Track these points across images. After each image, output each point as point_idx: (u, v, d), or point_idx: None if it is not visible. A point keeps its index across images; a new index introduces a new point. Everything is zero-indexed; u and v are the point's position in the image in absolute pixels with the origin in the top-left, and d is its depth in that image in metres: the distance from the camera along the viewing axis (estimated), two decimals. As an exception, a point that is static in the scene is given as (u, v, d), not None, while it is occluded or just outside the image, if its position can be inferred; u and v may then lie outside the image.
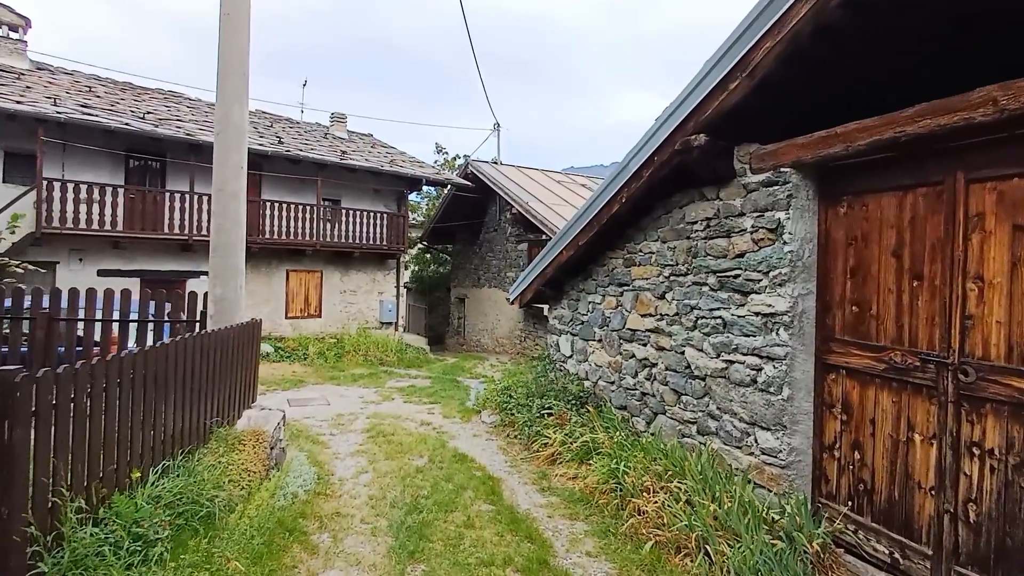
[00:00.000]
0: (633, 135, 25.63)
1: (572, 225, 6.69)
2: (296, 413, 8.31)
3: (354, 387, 10.63)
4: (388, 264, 17.05)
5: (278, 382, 10.47)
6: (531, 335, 16.86)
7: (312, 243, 14.64)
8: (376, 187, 16.70)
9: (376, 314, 16.71)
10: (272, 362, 12.28)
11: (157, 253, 13.12)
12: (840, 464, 4.01)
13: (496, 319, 18.89)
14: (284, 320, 15.08)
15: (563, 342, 7.75)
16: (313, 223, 14.69)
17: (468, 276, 20.95)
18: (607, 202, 5.92)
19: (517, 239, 17.72)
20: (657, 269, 5.77)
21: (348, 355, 13.44)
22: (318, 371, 11.95)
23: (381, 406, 9.09)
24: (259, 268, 14.69)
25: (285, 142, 15.05)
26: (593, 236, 6.37)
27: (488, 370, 13.95)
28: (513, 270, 17.89)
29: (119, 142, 12.43)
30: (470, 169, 18.52)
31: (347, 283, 16.26)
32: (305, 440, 6.73)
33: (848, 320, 3.99)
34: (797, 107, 4.63)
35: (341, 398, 9.60)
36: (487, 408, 8.27)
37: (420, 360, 14.60)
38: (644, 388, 5.92)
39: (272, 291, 14.91)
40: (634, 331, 6.14)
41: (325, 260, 15.75)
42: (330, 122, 19.75)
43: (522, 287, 8.16)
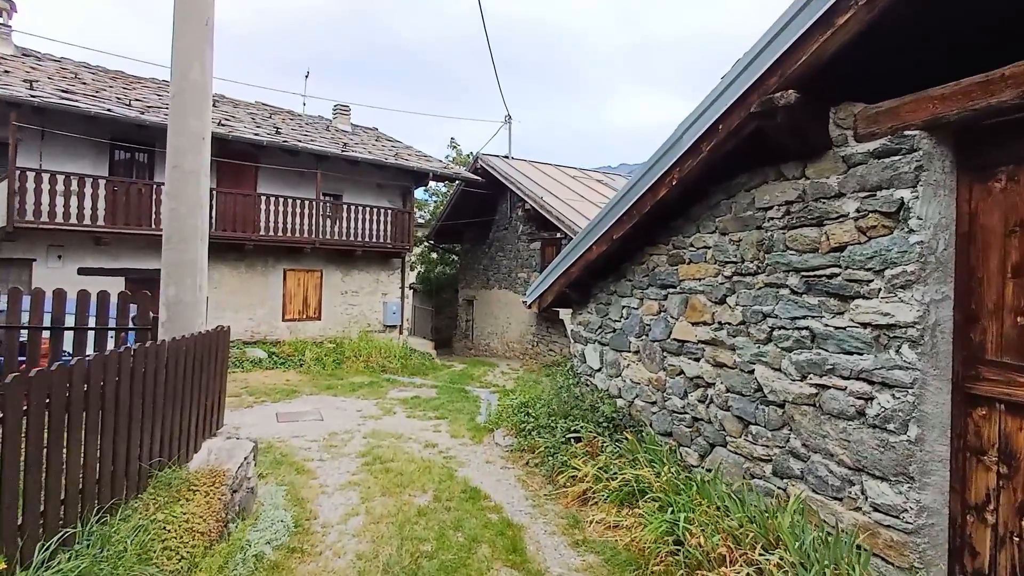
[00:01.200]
0: (641, 138, 23.64)
1: (604, 217, 5.64)
2: (284, 431, 7.30)
3: (352, 398, 9.62)
4: (392, 263, 16.06)
5: (269, 392, 9.48)
6: (544, 339, 15.81)
7: (311, 241, 13.67)
8: (380, 182, 15.71)
9: (379, 317, 15.72)
10: (265, 369, 11.31)
11: (144, 250, 12.19)
12: (997, 533, 2.94)
13: (507, 322, 17.85)
14: (281, 323, 14.11)
15: (590, 352, 6.70)
16: (313, 219, 13.72)
17: (477, 277, 19.92)
18: (651, 186, 4.87)
19: (530, 238, 16.68)
20: (714, 267, 4.71)
21: (348, 361, 12.45)
22: (314, 379, 10.95)
23: (381, 422, 8.07)
24: (254, 267, 13.73)
25: (283, 132, 14.10)
26: (631, 229, 5.32)
27: (499, 378, 12.92)
28: (525, 270, 16.85)
29: (102, 130, 11.51)
30: (480, 163, 17.50)
31: (349, 283, 15.28)
32: (288, 468, 5.71)
33: (1009, 336, 2.92)
34: (915, 54, 3.56)
35: (337, 411, 8.59)
36: (501, 427, 7.23)
37: (426, 366, 13.59)
38: (696, 413, 4.86)
39: (269, 292, 13.95)
40: (682, 342, 5.08)
41: (325, 259, 14.78)
42: (333, 115, 18.79)
43: (541, 289, 7.12)
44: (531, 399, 7.49)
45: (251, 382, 10.23)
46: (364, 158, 14.42)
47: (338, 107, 18.75)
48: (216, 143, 13.13)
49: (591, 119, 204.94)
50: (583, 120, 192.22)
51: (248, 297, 13.63)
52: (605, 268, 6.26)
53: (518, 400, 7.45)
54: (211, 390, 4.74)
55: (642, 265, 5.73)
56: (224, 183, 13.12)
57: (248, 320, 13.63)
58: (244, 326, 13.54)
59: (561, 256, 6.56)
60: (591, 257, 5.96)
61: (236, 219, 12.79)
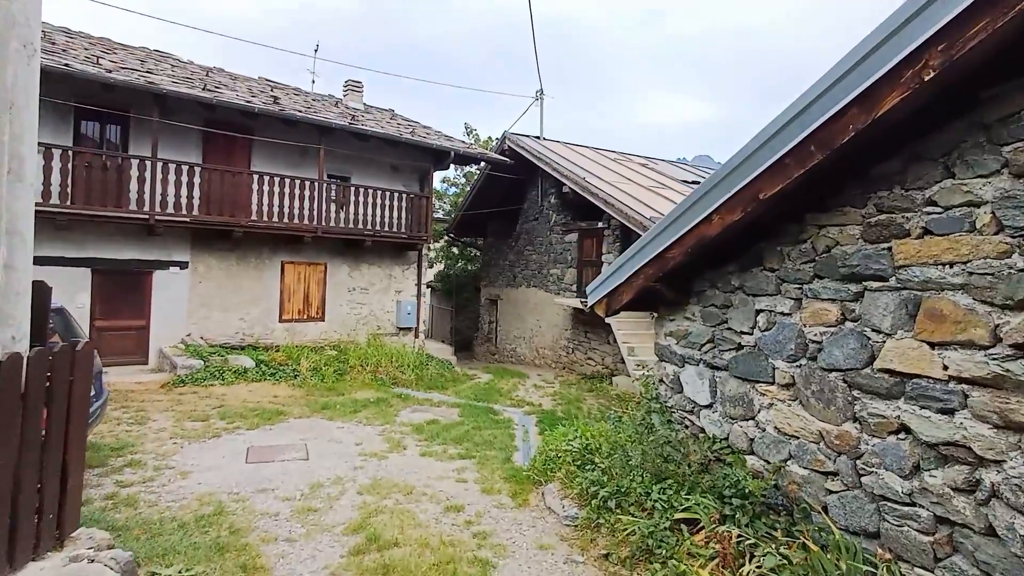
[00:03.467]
0: (663, 137, 21.11)
1: (738, 167, 3.46)
2: (250, 480, 5.23)
3: (352, 423, 7.54)
4: (408, 257, 14.00)
5: (247, 415, 7.44)
6: (582, 346, 13.63)
7: (313, 228, 11.65)
8: (394, 162, 13.66)
9: (392, 318, 13.66)
10: (250, 381, 9.29)
11: (115, 237, 10.28)
12: None
13: (536, 325, 15.71)
14: (277, 324, 12.13)
15: (690, 379, 4.52)
16: (315, 203, 11.70)
17: (502, 274, 17.81)
18: (863, 92, 2.67)
19: (564, 228, 14.51)
20: (995, 241, 2.50)
21: (353, 372, 10.39)
22: (309, 395, 8.91)
23: (386, 462, 5.98)
24: (247, 259, 11.77)
25: (282, 103, 12.11)
26: (796, 181, 3.13)
27: (532, 393, 10.76)
28: (558, 266, 14.69)
29: (64, 91, 9.60)
30: (508, 144, 15.37)
31: (357, 279, 13.25)
32: (233, 561, 3.62)
33: None
34: None
35: (330, 445, 6.52)
36: (554, 479, 5.07)
37: (445, 378, 11.49)
38: (951, 510, 2.65)
39: (264, 287, 11.97)
40: (904, 377, 2.87)
41: (330, 250, 12.77)
42: (344, 91, 16.80)
43: (613, 284, 4.95)
44: (594, 439, 5.33)
45: (229, 400, 8.21)
46: (375, 132, 12.36)
47: (350, 83, 16.74)
48: (201, 111, 11.26)
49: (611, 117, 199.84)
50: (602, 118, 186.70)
51: (239, 294, 11.68)
52: (725, 251, 4.09)
53: (577, 442, 5.28)
54: (46, 465, 2.63)
55: (802, 244, 3.54)
56: (211, 158, 11.16)
57: (239, 321, 11.67)
58: (234, 328, 11.58)
59: (651, 235, 4.38)
60: (709, 232, 3.78)
61: (224, 201, 10.82)
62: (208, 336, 11.20)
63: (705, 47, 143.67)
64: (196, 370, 9.10)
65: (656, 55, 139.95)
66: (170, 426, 6.77)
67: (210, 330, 11.29)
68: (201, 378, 8.95)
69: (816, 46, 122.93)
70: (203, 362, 9.36)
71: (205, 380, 8.95)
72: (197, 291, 11.20)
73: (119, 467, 5.32)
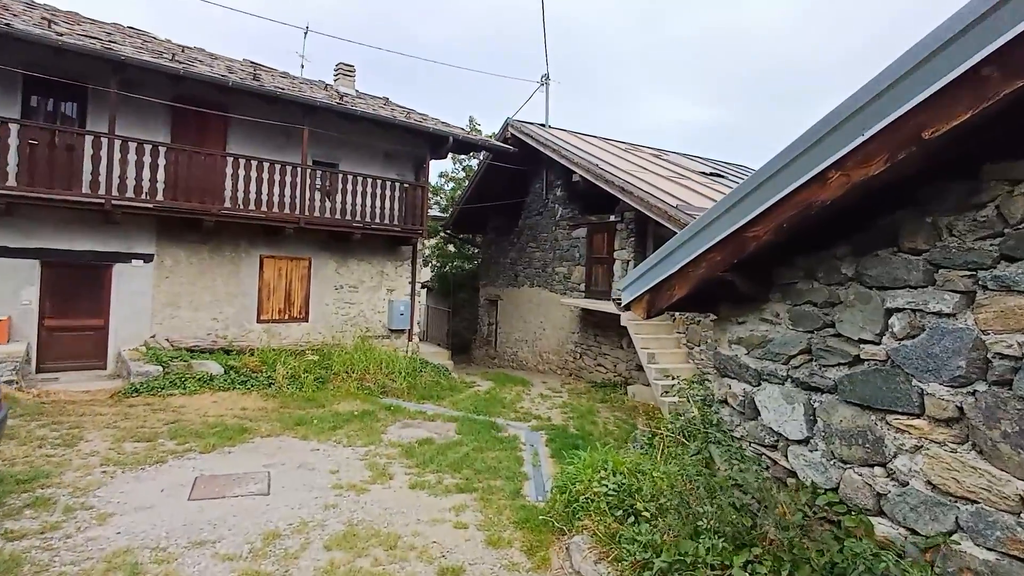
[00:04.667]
0: (662, 139, 19.75)
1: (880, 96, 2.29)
2: (188, 526, 4.04)
3: (330, 443, 6.35)
4: (401, 252, 12.81)
5: (204, 433, 6.24)
6: (591, 350, 12.46)
7: (295, 218, 10.46)
8: (388, 149, 12.48)
9: (383, 319, 12.46)
10: (217, 391, 8.07)
11: (69, 225, 9.07)
12: None
13: (539, 327, 14.53)
14: (256, 324, 10.92)
15: (771, 401, 3.35)
16: (299, 190, 10.51)
17: (502, 273, 16.63)
18: None
19: (571, 223, 13.35)
20: None
21: (336, 379, 9.19)
22: (283, 408, 7.70)
23: (367, 498, 4.80)
24: (221, 251, 10.56)
25: (262, 80, 10.92)
26: (994, 105, 1.96)
27: (539, 405, 9.58)
28: (564, 264, 13.53)
29: (10, 58, 8.39)
30: (510, 131, 14.20)
31: (345, 276, 12.05)
32: None
33: None
34: None
35: (299, 474, 5.33)
36: (582, 529, 3.88)
37: (441, 386, 10.29)
38: None
39: (240, 284, 10.77)
40: None
41: (315, 243, 11.57)
42: (334, 75, 15.61)
43: (659, 276, 3.80)
44: (630, 475, 4.15)
45: (187, 413, 7.00)
46: (365, 113, 11.17)
47: (341, 66, 15.55)
48: (169, 86, 9.62)
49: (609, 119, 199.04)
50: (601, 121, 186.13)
51: (212, 291, 10.46)
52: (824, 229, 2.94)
53: (611, 481, 4.09)
54: None
55: (977, 211, 2.38)
56: (180, 137, 9.95)
57: (211, 321, 10.46)
58: (206, 328, 10.36)
59: (720, 209, 3.22)
60: (820, 198, 2.62)
61: (195, 186, 9.61)
62: (176, 338, 9.98)
63: (702, 49, 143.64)
64: (153, 377, 7.89)
65: (654, 57, 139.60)
66: (104, 448, 5.56)
67: (178, 331, 10.07)
68: (158, 387, 7.74)
69: (815, 48, 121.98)
70: (162, 368, 8.14)
71: (163, 389, 7.73)
72: (163, 287, 9.98)
73: (18, 508, 4.12)
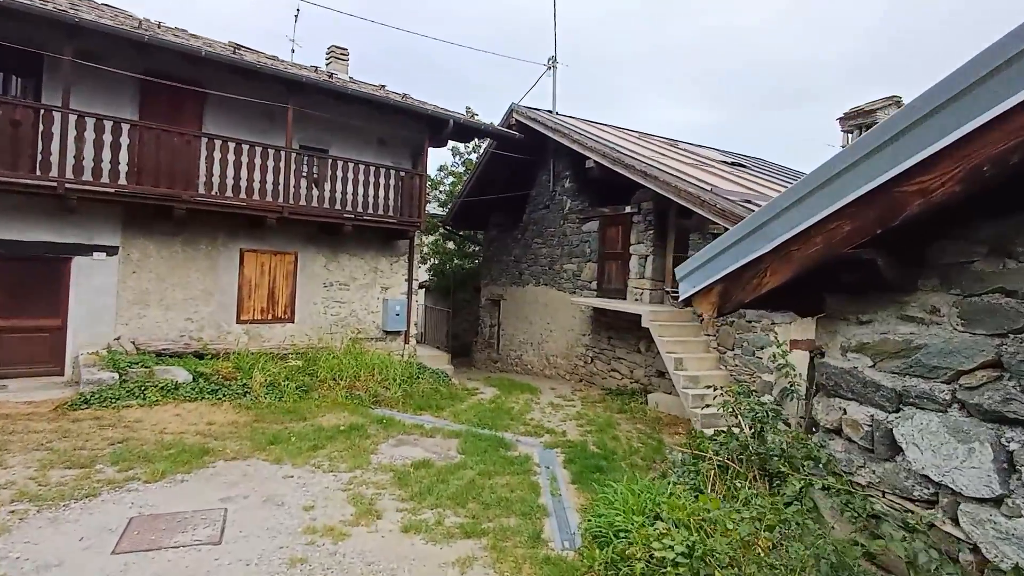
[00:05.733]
0: None
1: None
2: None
3: (307, 468, 5.29)
4: (397, 247, 11.75)
5: (155, 456, 5.18)
6: (603, 354, 11.41)
7: (279, 207, 9.40)
8: (382, 134, 11.43)
9: (377, 319, 11.40)
10: (182, 401, 7.00)
11: (19, 212, 8.01)
12: None
13: (546, 329, 13.48)
14: (235, 325, 9.85)
15: (924, 435, 2.28)
16: (283, 176, 9.45)
17: (505, 271, 15.59)
18: None
19: (582, 216, 12.31)
20: None
21: (322, 387, 8.12)
22: (257, 421, 6.63)
23: (346, 548, 3.74)
24: (196, 244, 9.49)
25: (241, 54, 9.86)
26: None
27: (549, 415, 8.53)
28: (574, 260, 12.49)
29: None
30: (515, 118, 13.15)
31: (335, 272, 10.98)
32: None
33: None
34: None
35: (263, 513, 4.27)
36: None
37: (440, 394, 9.22)
38: None
39: (217, 281, 9.70)
40: None
41: (302, 236, 10.51)
42: (326, 59, 14.56)
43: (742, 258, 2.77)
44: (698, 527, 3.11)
45: (141, 429, 5.93)
46: (358, 92, 10.13)
47: (334, 49, 14.50)
48: (134, 54, 8.34)
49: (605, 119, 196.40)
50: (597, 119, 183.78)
51: (186, 288, 9.39)
52: None
53: (676, 539, 3.03)
54: None
55: None
56: (149, 115, 8.89)
57: (185, 322, 9.39)
58: (178, 329, 9.29)
59: (854, 157, 2.17)
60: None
61: (165, 169, 8.55)
62: (144, 340, 8.91)
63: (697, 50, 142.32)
64: (106, 386, 6.82)
65: (647, 60, 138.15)
66: (24, 478, 4.49)
67: (147, 332, 9.01)
68: (112, 397, 6.67)
69: (809, 49, 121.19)
70: (118, 375, 7.07)
71: (117, 400, 6.66)
72: (130, 284, 8.91)
73: None
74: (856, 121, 11.55)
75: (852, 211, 2.24)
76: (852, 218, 2.25)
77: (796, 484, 2.82)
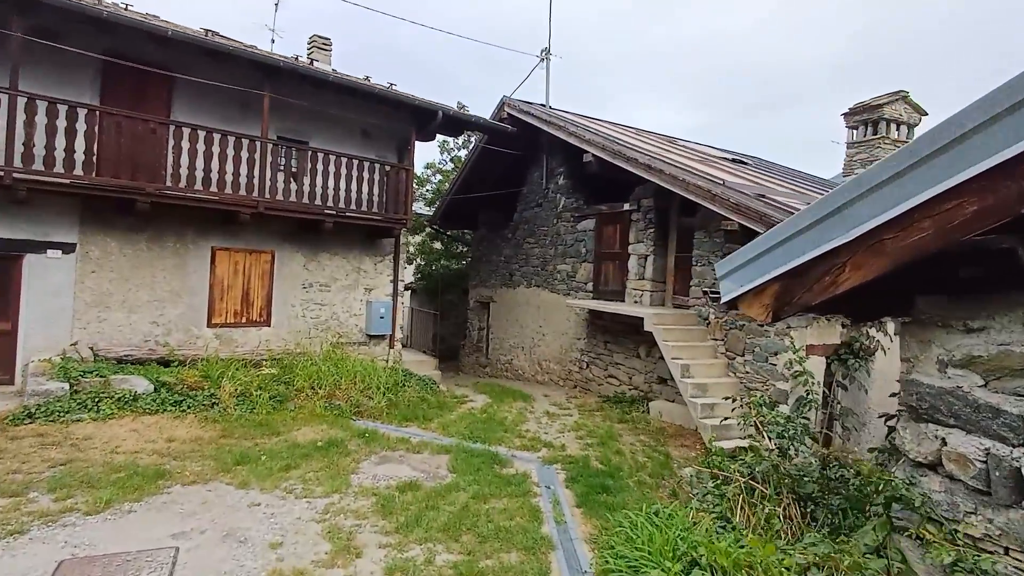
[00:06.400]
0: None
1: None
2: None
3: (277, 493, 4.65)
4: (382, 246, 11.10)
5: (101, 481, 4.51)
6: (599, 359, 10.86)
7: (254, 202, 8.72)
8: (367, 126, 10.78)
9: (360, 323, 10.74)
10: (141, 414, 6.31)
11: (-34, 205, 7.26)
12: None
13: (538, 332, 12.91)
14: (206, 329, 9.14)
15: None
16: (258, 168, 8.78)
17: (496, 272, 15.00)
18: None
19: (576, 215, 11.77)
20: None
21: (299, 396, 7.46)
22: (225, 437, 5.97)
23: (318, 599, 3.12)
24: (163, 241, 8.78)
25: (213, 37, 9.16)
26: None
27: (546, 425, 7.94)
28: (568, 260, 11.93)
29: None
30: (507, 111, 12.58)
31: (315, 273, 10.31)
32: None
33: None
34: None
35: (221, 552, 3.63)
36: None
37: (427, 402, 8.60)
38: None
39: (186, 281, 8.99)
40: None
41: (279, 234, 9.83)
42: (308, 49, 13.88)
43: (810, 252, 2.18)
44: None
45: (90, 449, 5.25)
46: (340, 79, 9.48)
47: (316, 39, 13.83)
48: (94, 33, 7.57)
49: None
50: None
51: (151, 289, 8.67)
52: None
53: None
54: None
55: None
56: (112, 99, 8.17)
57: (151, 325, 8.66)
58: (142, 334, 8.56)
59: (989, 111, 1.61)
60: None
61: (128, 160, 7.85)
62: (104, 346, 8.18)
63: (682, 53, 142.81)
64: (55, 398, 6.11)
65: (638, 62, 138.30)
66: (-65, 513, 3.80)
67: (107, 337, 8.27)
68: (60, 410, 5.96)
69: (791, 54, 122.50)
70: (69, 385, 6.35)
71: (67, 413, 5.95)
72: (89, 284, 8.17)
73: None
74: (862, 116, 11.15)
75: (982, 185, 1.69)
76: (981, 194, 1.70)
77: (878, 532, 2.27)
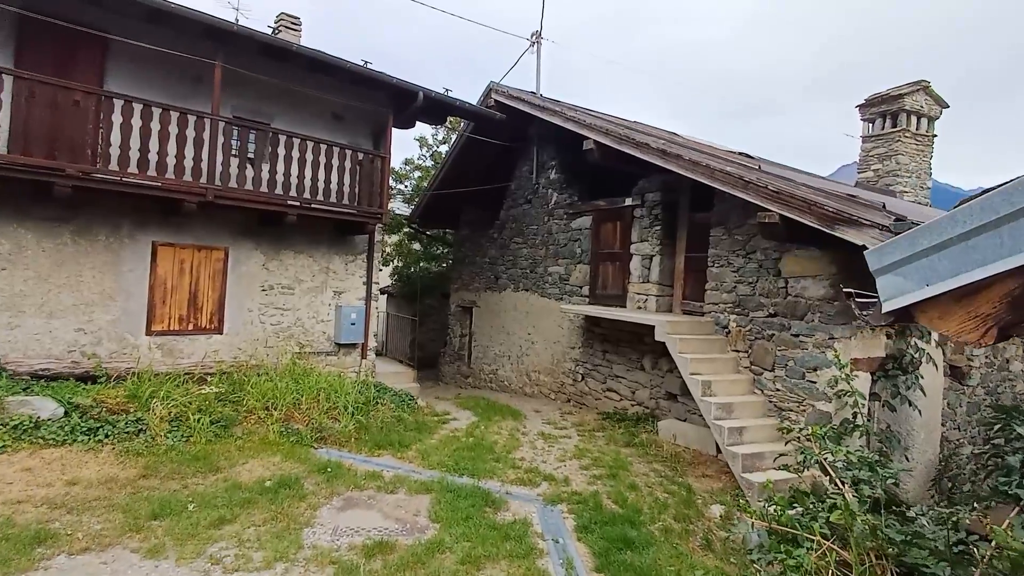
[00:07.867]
0: None
1: None
2: None
3: (198, 565, 3.44)
4: (354, 244, 9.88)
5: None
6: (597, 371, 9.79)
7: (202, 189, 7.46)
8: (338, 107, 9.57)
9: (328, 329, 9.49)
10: (42, 447, 5.01)
11: None
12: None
13: (527, 340, 11.80)
14: (143, 337, 7.82)
15: None
16: (207, 150, 7.52)
17: (480, 274, 13.85)
18: None
19: (571, 211, 10.72)
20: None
21: (249, 419, 6.21)
22: (147, 476, 4.72)
23: None
24: (92, 234, 7.46)
25: None
26: None
27: (544, 452, 6.82)
28: (561, 262, 10.87)
29: None
30: (494, 97, 11.48)
31: (276, 273, 9.05)
32: None
33: None
34: None
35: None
36: None
37: (404, 423, 7.41)
38: None
39: (120, 281, 7.67)
40: None
41: (234, 228, 8.55)
42: (274, 29, 12.57)
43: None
44: None
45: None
46: (304, 50, 8.24)
47: (284, 17, 12.50)
48: None
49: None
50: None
51: (77, 291, 7.34)
52: None
53: None
54: None
55: None
56: (30, 62, 6.85)
57: (76, 332, 7.32)
58: (66, 343, 7.23)
59: None
60: None
61: (41, 134, 6.55)
62: (17, 358, 6.82)
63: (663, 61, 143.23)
64: (-77, 428, 4.78)
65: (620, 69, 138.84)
66: None
67: (21, 348, 6.92)
68: (-72, 445, 4.64)
69: (768, 62, 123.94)
70: (-54, 411, 5.03)
71: (-63, 448, 4.64)
72: (1, 283, 6.83)
73: None
74: (879, 108, 10.32)
75: None
76: None
77: None
